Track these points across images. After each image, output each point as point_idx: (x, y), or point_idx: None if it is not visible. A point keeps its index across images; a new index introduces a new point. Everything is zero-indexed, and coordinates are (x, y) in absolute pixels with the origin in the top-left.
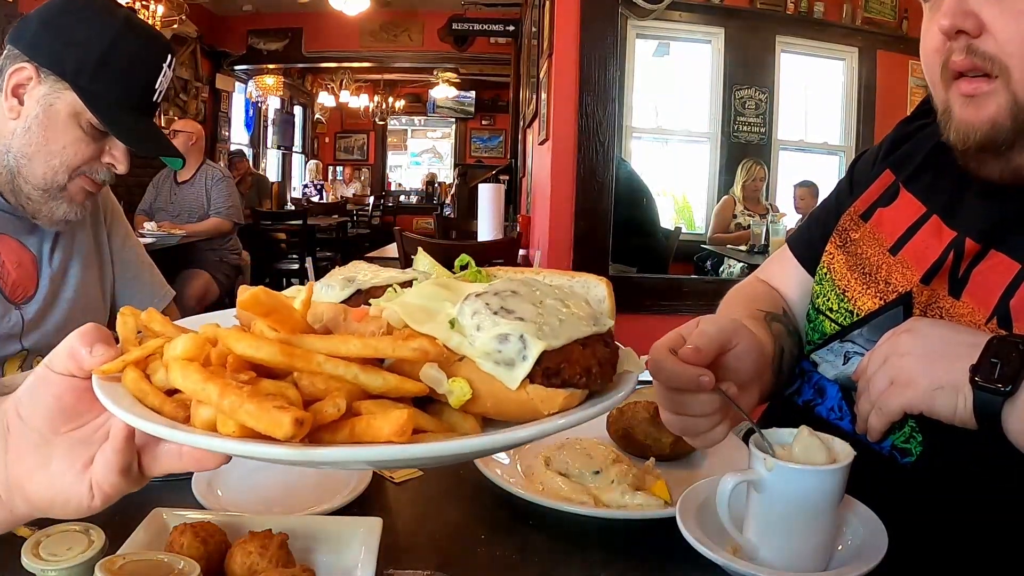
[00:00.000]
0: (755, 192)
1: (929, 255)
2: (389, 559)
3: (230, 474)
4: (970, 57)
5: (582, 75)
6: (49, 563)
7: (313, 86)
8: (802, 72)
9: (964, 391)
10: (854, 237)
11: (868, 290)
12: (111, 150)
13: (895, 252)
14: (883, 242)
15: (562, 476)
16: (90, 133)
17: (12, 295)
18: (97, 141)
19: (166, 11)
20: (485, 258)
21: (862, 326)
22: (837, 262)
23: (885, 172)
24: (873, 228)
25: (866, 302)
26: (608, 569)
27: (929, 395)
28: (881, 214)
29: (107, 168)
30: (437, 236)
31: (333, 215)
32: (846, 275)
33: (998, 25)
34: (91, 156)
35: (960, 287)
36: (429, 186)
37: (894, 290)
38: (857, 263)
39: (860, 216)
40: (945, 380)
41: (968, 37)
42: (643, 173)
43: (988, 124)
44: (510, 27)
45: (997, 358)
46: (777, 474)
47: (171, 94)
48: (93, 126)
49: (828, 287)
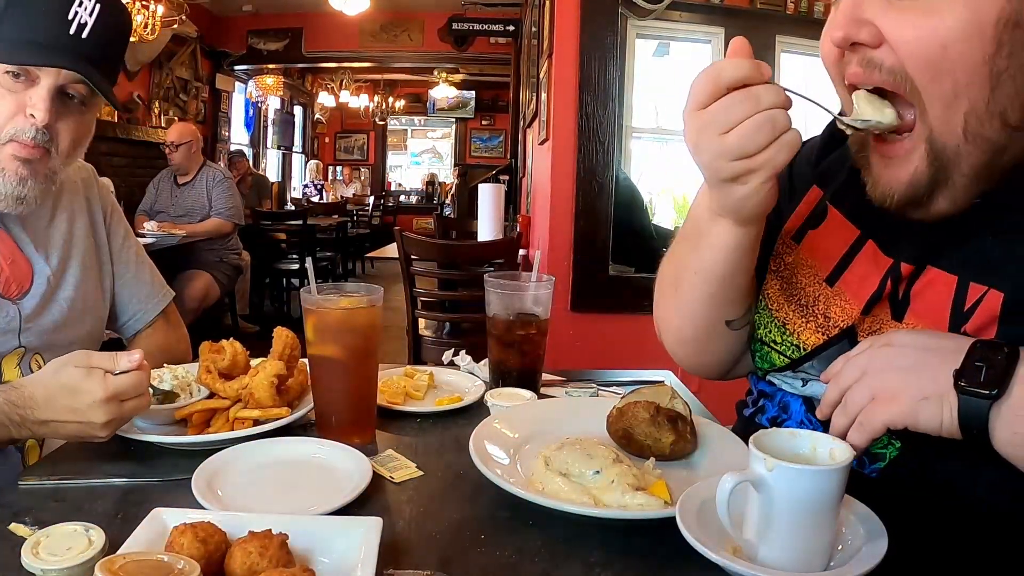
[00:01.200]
0: None
1: (867, 287)
2: (389, 559)
3: (230, 474)
4: (870, 71)
5: (582, 75)
6: (49, 563)
7: (313, 86)
8: (802, 72)
9: (949, 399)
10: (788, 261)
11: (808, 324)
12: (31, 99)
13: (831, 283)
14: (817, 271)
15: (562, 476)
16: (4, 84)
17: (6, 291)
18: (15, 93)
19: (166, 11)
20: (485, 258)
21: (811, 359)
22: (772, 289)
23: (813, 188)
24: (806, 254)
25: (809, 337)
26: (608, 569)
27: (913, 409)
28: (813, 237)
29: (31, 123)
30: (437, 236)
31: (333, 215)
32: (783, 306)
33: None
34: (10, 111)
35: (902, 309)
36: (429, 186)
37: (835, 325)
38: (793, 293)
39: (792, 238)
40: (930, 390)
41: (865, 48)
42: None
43: (906, 185)
44: (510, 27)
45: (982, 361)
46: (777, 474)
47: (171, 94)
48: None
49: (767, 318)
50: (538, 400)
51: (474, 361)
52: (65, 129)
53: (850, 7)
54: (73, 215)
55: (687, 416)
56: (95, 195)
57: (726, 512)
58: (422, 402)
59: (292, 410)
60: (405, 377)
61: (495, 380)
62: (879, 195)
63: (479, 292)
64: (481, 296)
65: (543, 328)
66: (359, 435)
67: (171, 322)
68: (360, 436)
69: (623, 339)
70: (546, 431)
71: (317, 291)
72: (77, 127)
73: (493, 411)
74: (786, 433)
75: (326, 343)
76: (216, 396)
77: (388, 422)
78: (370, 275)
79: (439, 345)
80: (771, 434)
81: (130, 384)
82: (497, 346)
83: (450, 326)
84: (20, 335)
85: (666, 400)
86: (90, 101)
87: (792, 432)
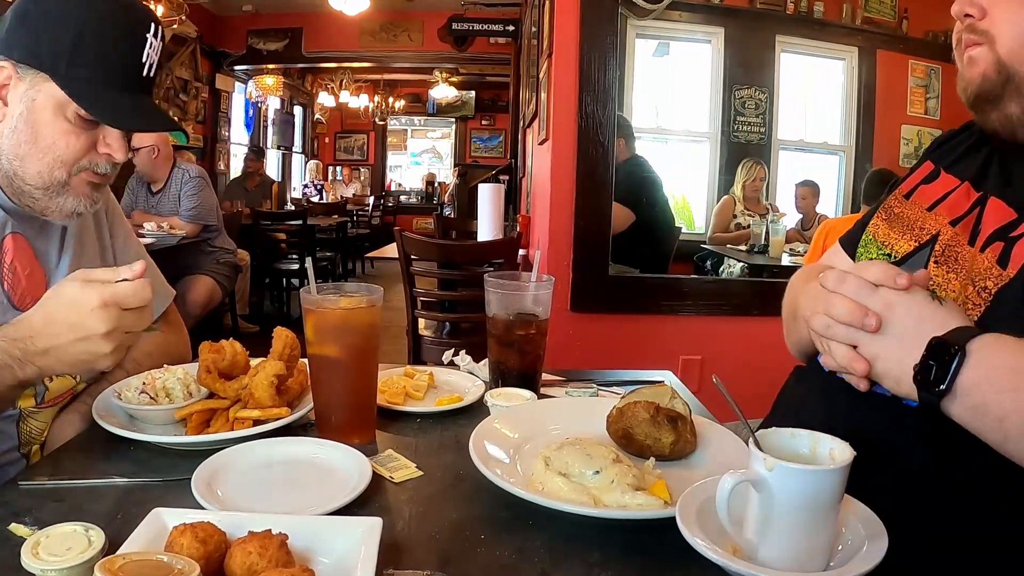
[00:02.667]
0: (755, 192)
1: (958, 209)
2: (389, 559)
3: (230, 474)
4: (970, 35)
5: (582, 75)
6: (49, 563)
7: (313, 86)
8: (802, 72)
9: (907, 381)
10: (897, 212)
11: (904, 236)
12: (105, 138)
13: (931, 209)
14: (922, 206)
15: (562, 476)
16: (78, 124)
17: (20, 303)
18: (88, 131)
19: (166, 11)
20: (485, 258)
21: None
22: (880, 229)
23: (925, 163)
24: (914, 200)
25: (903, 246)
26: (608, 569)
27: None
28: (922, 190)
29: (106, 158)
30: (437, 236)
31: (333, 215)
32: (888, 233)
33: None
34: (85, 148)
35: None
36: (429, 186)
37: (927, 232)
38: (898, 223)
39: (903, 196)
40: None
41: (973, 20)
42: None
43: (980, 77)
44: (510, 27)
45: (933, 360)
46: (777, 474)
47: (171, 94)
48: (80, 116)
49: (872, 247)
50: (538, 400)
51: (474, 361)
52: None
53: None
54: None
55: (687, 416)
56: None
57: (726, 512)
58: (422, 402)
59: (292, 410)
60: (405, 377)
61: (495, 380)
62: (963, 89)
63: (479, 292)
64: (481, 296)
65: (543, 328)
66: (359, 435)
67: (172, 322)
68: (360, 436)
69: (623, 339)
70: (546, 431)
71: (317, 291)
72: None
73: (493, 411)
74: (786, 433)
75: (326, 343)
76: (216, 396)
77: (388, 422)
78: (370, 275)
79: (439, 345)
80: (771, 434)
81: (130, 290)
82: (497, 346)
83: (450, 326)
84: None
85: (666, 400)
86: None
87: (792, 432)
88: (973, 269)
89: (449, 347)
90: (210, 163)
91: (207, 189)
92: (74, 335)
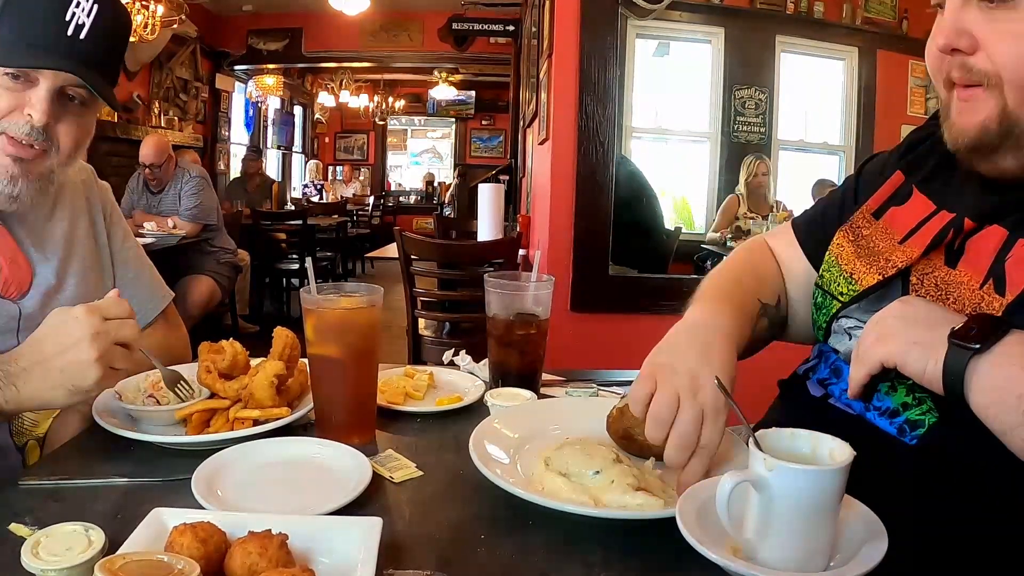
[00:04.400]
0: (760, 188)
1: (928, 235)
2: (389, 559)
3: (230, 474)
4: (965, 74)
5: (582, 75)
6: (49, 563)
7: (313, 86)
8: (802, 72)
9: (939, 351)
10: (865, 233)
11: (871, 268)
12: (31, 100)
13: (903, 243)
14: (894, 236)
15: (562, 476)
16: (3, 84)
17: (5, 291)
18: (15, 92)
19: (166, 11)
20: (485, 258)
21: (861, 300)
22: (846, 252)
23: (896, 174)
24: (885, 224)
25: (868, 279)
26: (608, 569)
27: (904, 350)
28: (893, 212)
29: (26, 119)
30: (437, 236)
31: (333, 215)
32: (853, 260)
33: (991, 44)
34: (6, 108)
35: (956, 257)
36: (429, 186)
37: (894, 266)
38: (865, 251)
39: (872, 215)
40: (924, 339)
41: (963, 55)
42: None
43: (978, 128)
44: (510, 27)
45: (975, 324)
46: (777, 474)
47: (171, 94)
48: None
49: (836, 272)
50: (538, 400)
51: (474, 361)
52: (65, 130)
53: (953, 18)
54: (74, 216)
55: None
56: (95, 196)
57: (726, 512)
58: (422, 402)
59: (292, 410)
60: (405, 377)
61: (495, 380)
62: (952, 137)
63: (479, 292)
64: (481, 296)
65: (543, 328)
66: (359, 435)
67: (171, 322)
68: (360, 436)
69: (623, 339)
70: (546, 431)
71: (317, 291)
72: (77, 128)
73: (493, 411)
74: (786, 433)
75: (326, 343)
76: (216, 396)
77: (388, 422)
78: (370, 275)
79: (439, 345)
80: (771, 434)
81: (109, 301)
82: (497, 346)
83: (450, 326)
84: (19, 335)
85: None
86: (90, 102)
87: (792, 432)
88: (961, 294)
89: (449, 347)
90: (210, 163)
91: (208, 189)
92: (58, 346)
